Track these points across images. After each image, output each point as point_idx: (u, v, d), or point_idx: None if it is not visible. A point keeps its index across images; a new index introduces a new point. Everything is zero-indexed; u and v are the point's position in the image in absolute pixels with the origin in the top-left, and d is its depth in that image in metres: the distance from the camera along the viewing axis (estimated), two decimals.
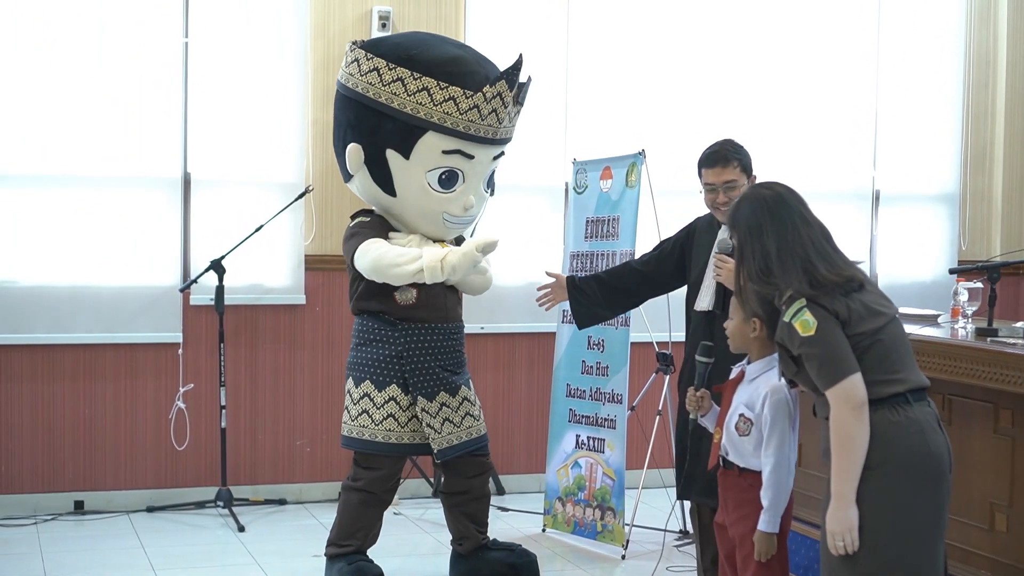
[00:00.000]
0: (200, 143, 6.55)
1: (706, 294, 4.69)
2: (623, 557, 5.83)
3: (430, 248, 5.03)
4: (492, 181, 5.36)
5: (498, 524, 6.03)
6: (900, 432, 3.38)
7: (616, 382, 5.98)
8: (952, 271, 5.26)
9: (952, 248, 7.79)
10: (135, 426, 6.55)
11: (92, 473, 6.50)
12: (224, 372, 6.45)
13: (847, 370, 3.36)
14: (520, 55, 5.10)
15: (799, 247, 3.51)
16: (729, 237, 3.76)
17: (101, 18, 6.38)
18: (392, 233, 5.15)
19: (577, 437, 6.18)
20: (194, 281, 6.38)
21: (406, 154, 5.05)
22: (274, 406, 6.74)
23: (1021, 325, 4.68)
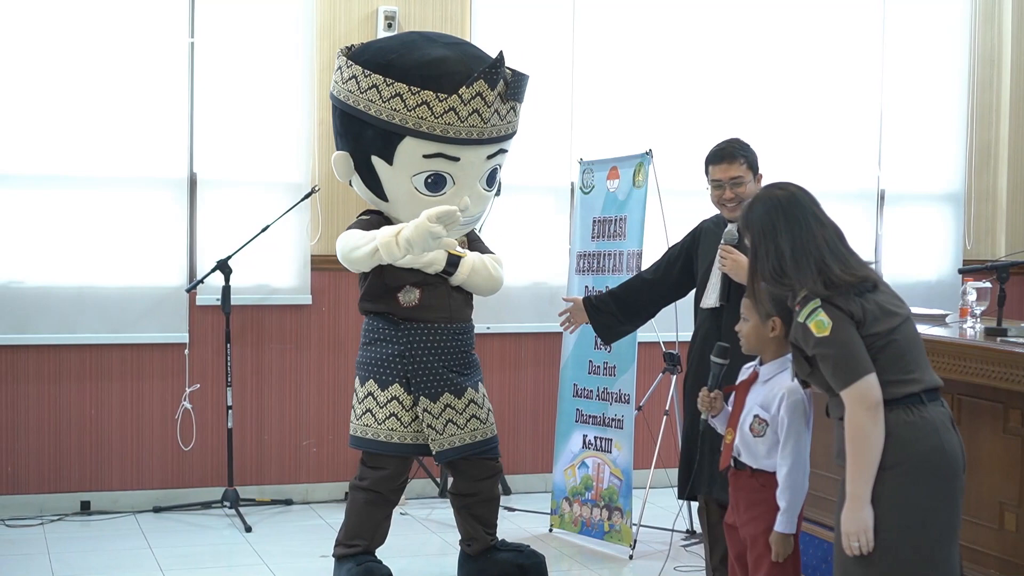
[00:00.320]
0: (206, 143, 6.55)
1: (712, 290, 4.70)
2: (631, 557, 5.83)
3: (387, 227, 4.96)
4: (496, 179, 5.31)
5: (505, 524, 6.03)
6: (915, 432, 3.38)
7: (623, 382, 5.98)
8: (962, 271, 5.26)
9: (957, 247, 7.79)
10: (141, 427, 6.55)
11: (98, 473, 6.50)
12: (230, 372, 6.45)
13: (862, 371, 3.36)
14: (500, 52, 5.00)
15: (813, 247, 3.50)
16: (744, 239, 3.75)
17: (106, 19, 6.38)
18: None
19: (584, 437, 6.18)
20: (200, 281, 6.38)
21: (389, 160, 5.03)
22: (280, 406, 6.74)
23: None
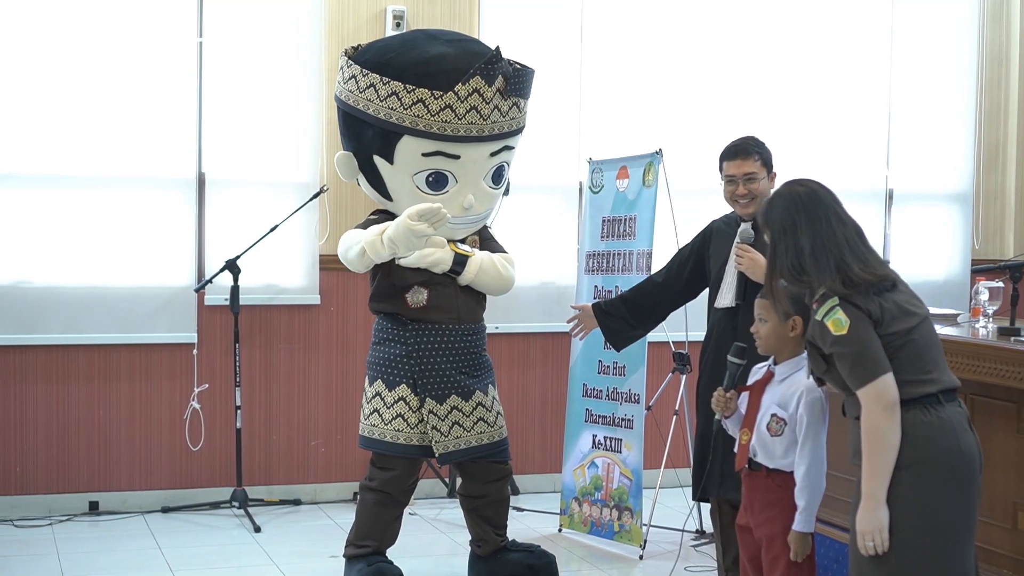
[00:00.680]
0: (215, 143, 6.55)
1: (728, 290, 4.69)
2: (641, 557, 5.82)
3: (374, 226, 4.96)
4: (503, 176, 5.24)
5: (514, 524, 5.99)
6: (932, 432, 3.37)
7: (633, 382, 5.97)
8: (975, 270, 5.24)
9: (966, 247, 7.78)
10: (150, 427, 6.54)
11: (107, 474, 6.49)
12: (239, 372, 6.44)
13: (879, 370, 3.35)
14: (497, 47, 4.98)
15: (833, 245, 3.48)
16: (762, 235, 3.73)
17: (115, 19, 6.37)
18: None
19: (594, 437, 6.17)
20: (209, 281, 6.37)
21: (389, 159, 5.02)
22: (289, 406, 6.74)
23: None
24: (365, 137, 5.03)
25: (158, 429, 6.55)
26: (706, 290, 4.88)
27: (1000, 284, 4.99)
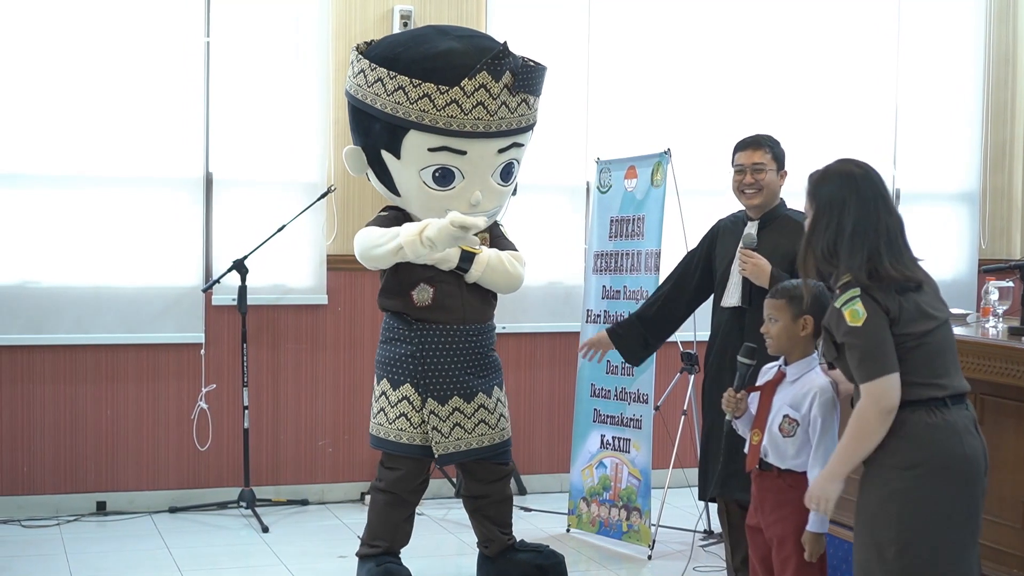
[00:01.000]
0: (222, 143, 6.54)
1: (734, 291, 4.69)
2: (649, 557, 5.82)
3: (410, 224, 4.94)
4: (512, 174, 5.20)
5: (521, 524, 6.01)
6: (936, 434, 3.37)
7: (642, 382, 5.97)
8: (986, 270, 5.23)
9: (972, 247, 7.77)
10: (157, 427, 6.54)
11: (114, 474, 6.49)
12: (246, 372, 6.44)
13: (885, 369, 3.34)
14: (504, 43, 4.97)
15: (873, 232, 3.43)
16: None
17: (122, 19, 6.37)
18: None
19: (602, 437, 6.16)
20: (216, 281, 6.38)
21: (397, 154, 5.02)
22: (296, 406, 6.73)
23: None
24: (373, 132, 5.03)
25: (165, 429, 6.55)
26: None
27: (1010, 284, 4.99)
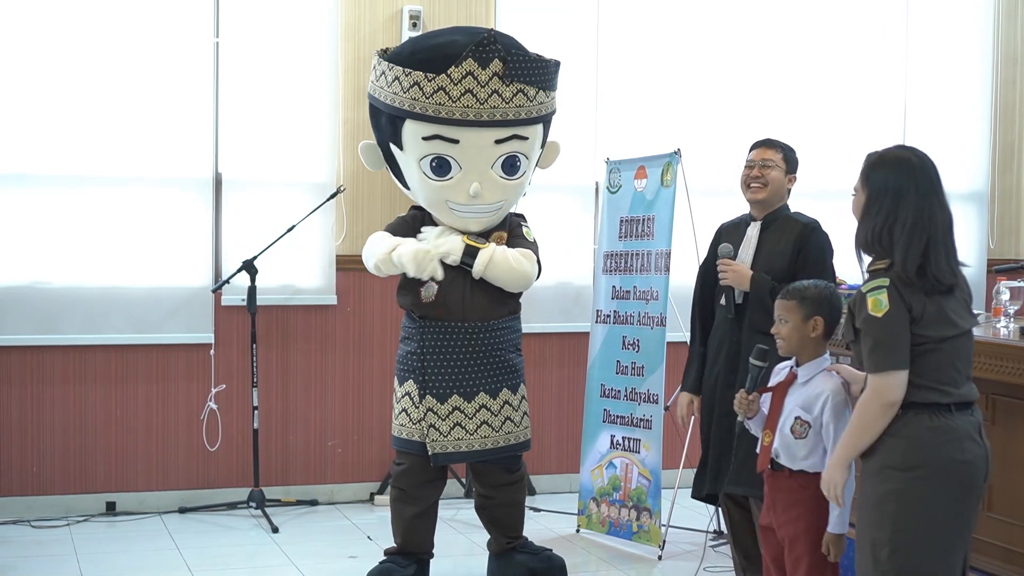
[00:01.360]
0: (231, 143, 6.55)
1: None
2: (659, 558, 5.82)
3: (389, 239, 5.06)
4: (517, 167, 5.13)
5: (531, 525, 6.00)
6: (936, 438, 3.38)
7: (652, 382, 5.96)
8: (998, 270, 5.23)
9: (981, 246, 7.76)
10: (167, 427, 6.55)
11: (124, 474, 6.50)
12: (256, 373, 6.45)
13: (896, 364, 3.35)
14: (490, 31, 4.96)
15: (931, 226, 3.40)
16: (856, 188, 3.59)
17: (132, 19, 6.38)
18: (424, 227, 5.16)
19: (612, 437, 6.16)
20: (226, 282, 6.38)
21: (400, 145, 5.07)
22: (306, 407, 6.74)
23: None
24: (381, 125, 5.12)
25: (175, 430, 6.55)
26: None
27: (1021, 284, 4.98)
